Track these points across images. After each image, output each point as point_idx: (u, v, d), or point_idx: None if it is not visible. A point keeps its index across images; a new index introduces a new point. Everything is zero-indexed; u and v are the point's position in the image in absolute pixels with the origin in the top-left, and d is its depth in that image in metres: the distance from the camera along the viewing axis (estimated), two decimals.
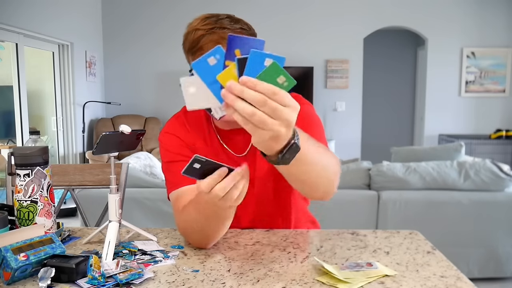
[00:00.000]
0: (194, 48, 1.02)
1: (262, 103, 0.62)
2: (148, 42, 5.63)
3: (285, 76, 0.63)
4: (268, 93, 0.62)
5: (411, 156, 3.15)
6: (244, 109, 0.62)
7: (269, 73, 0.62)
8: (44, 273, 0.81)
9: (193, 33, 1.02)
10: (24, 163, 0.97)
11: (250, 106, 0.62)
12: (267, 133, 0.65)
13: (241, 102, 0.62)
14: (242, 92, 0.62)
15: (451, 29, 5.65)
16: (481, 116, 5.76)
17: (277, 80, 0.63)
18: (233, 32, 1.02)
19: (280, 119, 0.64)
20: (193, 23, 1.05)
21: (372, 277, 0.85)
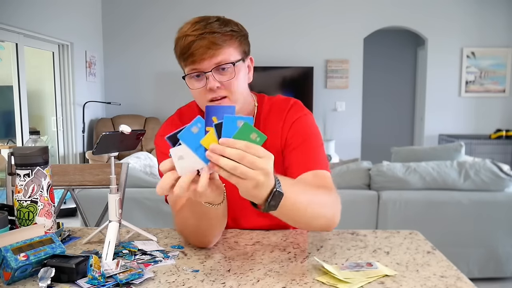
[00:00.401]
0: (185, 54, 1.02)
1: (241, 158, 0.71)
2: (148, 42, 5.63)
3: (257, 133, 0.74)
4: (244, 149, 0.72)
5: (411, 156, 3.15)
6: (227, 164, 0.71)
7: (242, 132, 0.74)
8: (44, 273, 0.81)
9: (183, 39, 1.02)
10: (24, 163, 0.97)
11: (232, 161, 0.71)
12: (249, 182, 0.74)
13: (223, 160, 0.71)
14: (224, 151, 0.71)
15: (451, 29, 5.65)
16: (481, 116, 5.76)
17: (251, 137, 0.74)
18: (223, 35, 1.02)
19: (258, 169, 0.73)
20: (183, 28, 1.04)
21: (372, 277, 0.85)
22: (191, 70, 1.04)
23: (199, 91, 1.05)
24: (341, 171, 2.74)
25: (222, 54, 1.02)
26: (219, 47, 1.01)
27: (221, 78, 1.03)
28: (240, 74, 1.06)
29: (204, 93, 1.04)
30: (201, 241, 1.02)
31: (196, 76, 1.04)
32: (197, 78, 1.05)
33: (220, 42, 1.01)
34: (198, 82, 1.05)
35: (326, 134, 5.72)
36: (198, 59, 1.01)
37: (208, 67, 1.02)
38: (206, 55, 1.00)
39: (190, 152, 0.74)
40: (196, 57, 1.01)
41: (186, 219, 0.99)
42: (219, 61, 1.02)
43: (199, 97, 1.07)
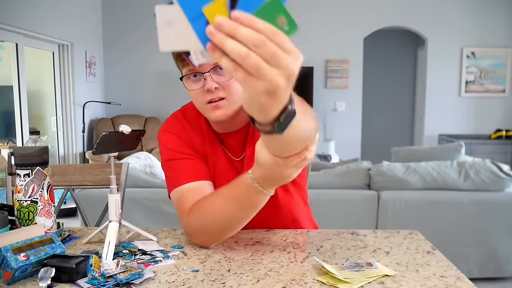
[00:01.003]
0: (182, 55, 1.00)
1: (259, 44, 0.50)
2: (148, 42, 5.63)
3: (287, 17, 0.51)
4: (268, 33, 0.50)
5: (411, 156, 3.15)
6: (236, 49, 0.50)
7: (267, 10, 0.50)
8: (44, 273, 0.81)
9: None
10: (24, 163, 0.97)
11: (244, 47, 0.50)
12: (262, 84, 0.53)
13: (232, 42, 0.49)
14: (235, 30, 0.49)
15: (451, 29, 5.65)
16: (481, 116, 5.76)
17: (277, 21, 0.51)
18: None
19: (279, 67, 0.52)
20: None
21: (372, 277, 0.85)
22: (189, 71, 1.02)
23: (196, 92, 1.02)
24: (341, 171, 2.74)
25: None
26: None
27: (219, 79, 1.00)
28: None
29: (201, 94, 1.02)
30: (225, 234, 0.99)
31: (193, 77, 1.02)
32: (194, 79, 1.02)
33: None
34: (196, 83, 1.02)
35: (326, 134, 5.72)
36: None
37: (205, 67, 0.99)
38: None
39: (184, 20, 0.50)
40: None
41: (220, 212, 0.95)
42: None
43: (197, 98, 1.04)
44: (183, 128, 1.16)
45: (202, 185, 1.06)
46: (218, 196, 0.97)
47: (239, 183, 0.91)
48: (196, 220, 1.01)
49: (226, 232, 0.99)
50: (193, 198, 1.02)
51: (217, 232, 0.99)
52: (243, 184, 0.90)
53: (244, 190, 0.90)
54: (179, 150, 1.11)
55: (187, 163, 1.10)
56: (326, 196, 2.63)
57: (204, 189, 1.05)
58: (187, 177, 1.07)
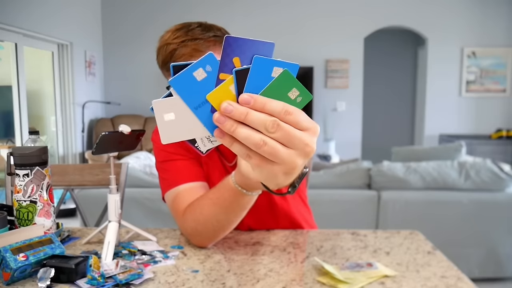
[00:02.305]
0: (168, 63, 0.98)
1: (274, 128, 0.45)
2: (148, 41, 5.62)
3: (299, 89, 0.47)
4: (281, 114, 0.46)
5: (411, 156, 3.15)
6: (250, 137, 0.45)
7: (278, 86, 0.46)
8: (43, 274, 0.81)
9: (165, 48, 0.98)
10: (23, 163, 0.97)
11: (258, 132, 0.46)
12: (279, 168, 0.49)
13: (245, 129, 0.45)
14: (246, 115, 0.45)
15: (451, 29, 5.64)
16: (481, 116, 5.76)
17: (288, 95, 0.47)
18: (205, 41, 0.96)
19: (296, 148, 0.48)
20: (164, 37, 1.02)
21: (372, 277, 0.85)
22: None
23: None
24: (341, 171, 2.73)
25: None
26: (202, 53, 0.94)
27: None
28: None
29: None
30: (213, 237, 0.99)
31: None
32: None
33: (203, 48, 0.97)
34: None
35: (326, 134, 5.71)
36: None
37: None
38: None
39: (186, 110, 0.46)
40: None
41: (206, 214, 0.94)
42: None
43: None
44: None
45: (197, 186, 1.06)
46: (206, 201, 0.96)
47: (223, 186, 0.90)
48: (190, 222, 1.01)
49: (219, 234, 0.99)
50: (188, 199, 1.02)
51: (210, 235, 0.99)
52: (227, 188, 0.89)
53: (228, 193, 0.89)
54: (173, 151, 1.11)
55: (182, 165, 1.09)
56: (326, 196, 2.63)
57: (198, 190, 1.05)
58: (182, 179, 1.06)
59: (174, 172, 1.09)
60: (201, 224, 0.98)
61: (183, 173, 1.08)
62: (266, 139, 0.46)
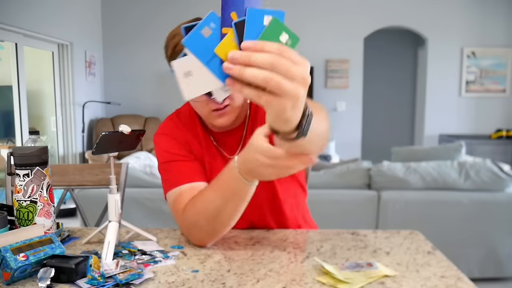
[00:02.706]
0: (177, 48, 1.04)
1: (274, 65, 0.52)
2: (148, 42, 5.62)
3: (288, 33, 0.55)
4: (277, 52, 0.53)
5: (411, 156, 3.15)
6: (257, 75, 0.52)
7: (270, 32, 0.54)
8: (43, 273, 0.81)
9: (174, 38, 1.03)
10: (23, 163, 0.97)
11: (262, 71, 0.53)
12: (285, 100, 0.55)
13: (250, 70, 0.52)
14: (250, 58, 0.52)
15: (451, 29, 5.64)
16: (481, 116, 5.76)
17: (280, 39, 0.55)
18: None
19: (296, 80, 0.55)
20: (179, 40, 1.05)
21: (372, 277, 0.85)
22: None
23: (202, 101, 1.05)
24: (341, 171, 2.73)
25: None
26: None
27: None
28: None
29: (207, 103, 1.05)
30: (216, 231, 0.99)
31: None
32: None
33: None
34: None
35: None
36: None
37: None
38: None
39: (201, 66, 0.55)
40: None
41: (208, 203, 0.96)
42: None
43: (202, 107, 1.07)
44: (180, 130, 1.16)
45: (199, 186, 1.07)
46: (208, 191, 0.98)
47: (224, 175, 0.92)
48: (189, 216, 1.01)
49: (216, 226, 0.98)
50: (189, 198, 1.03)
51: (210, 229, 0.99)
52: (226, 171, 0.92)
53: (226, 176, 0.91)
54: (176, 152, 1.12)
55: (184, 165, 1.11)
56: (326, 196, 2.63)
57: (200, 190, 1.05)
58: (184, 179, 1.07)
59: (176, 172, 1.09)
60: (201, 214, 0.97)
61: (185, 173, 1.09)
62: (271, 75, 0.53)
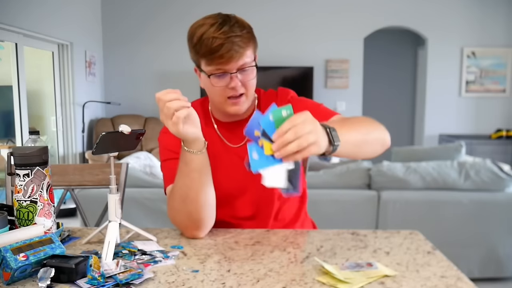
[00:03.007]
0: (213, 55, 1.08)
1: (296, 135, 0.80)
2: (148, 41, 5.62)
3: (285, 109, 0.83)
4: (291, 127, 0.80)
5: (411, 156, 3.15)
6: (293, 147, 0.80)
7: (277, 119, 0.83)
8: (43, 273, 0.81)
9: (211, 40, 1.07)
10: (23, 163, 0.97)
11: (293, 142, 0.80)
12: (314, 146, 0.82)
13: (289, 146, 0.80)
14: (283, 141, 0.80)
15: (451, 29, 5.64)
16: (481, 116, 5.76)
17: (283, 116, 0.83)
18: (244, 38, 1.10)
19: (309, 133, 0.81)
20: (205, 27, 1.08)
21: (372, 277, 0.85)
22: (216, 70, 1.10)
23: (220, 88, 1.12)
24: (341, 171, 2.73)
25: (245, 57, 1.10)
26: (243, 50, 1.09)
27: (244, 78, 1.12)
28: (254, 72, 1.15)
29: (224, 90, 1.13)
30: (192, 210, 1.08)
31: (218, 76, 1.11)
32: (219, 77, 1.11)
33: (243, 45, 1.09)
34: (221, 81, 1.11)
35: None
36: (226, 61, 1.08)
37: (233, 68, 1.09)
38: (234, 58, 1.08)
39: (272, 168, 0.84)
40: (225, 59, 1.07)
41: (176, 187, 1.09)
42: (243, 63, 1.10)
43: (219, 93, 1.14)
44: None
45: None
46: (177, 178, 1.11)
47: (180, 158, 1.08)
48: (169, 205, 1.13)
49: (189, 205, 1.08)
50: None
51: (184, 209, 1.09)
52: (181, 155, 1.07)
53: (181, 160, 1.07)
54: (176, 150, 1.16)
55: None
56: (326, 196, 2.63)
57: None
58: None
59: (173, 170, 1.14)
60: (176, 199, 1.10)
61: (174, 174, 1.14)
62: (298, 141, 0.80)
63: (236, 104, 1.15)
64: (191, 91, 5.52)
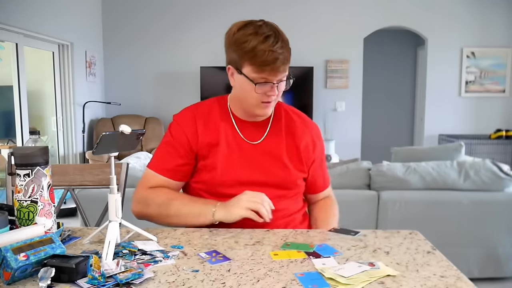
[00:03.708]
0: (266, 67, 1.17)
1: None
2: (148, 42, 5.62)
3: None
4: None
5: (411, 156, 3.15)
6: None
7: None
8: (44, 273, 0.81)
9: (267, 53, 1.16)
10: (24, 163, 0.97)
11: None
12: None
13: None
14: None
15: (451, 29, 5.64)
16: (481, 116, 5.76)
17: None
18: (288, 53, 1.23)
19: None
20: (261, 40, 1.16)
21: (374, 277, 0.85)
22: (262, 79, 1.19)
23: (258, 94, 1.22)
24: (341, 171, 2.74)
25: (287, 69, 1.23)
26: (287, 64, 1.22)
27: (282, 87, 1.26)
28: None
29: (261, 95, 1.22)
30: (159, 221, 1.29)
31: (261, 83, 1.20)
32: (263, 84, 1.20)
33: (287, 60, 1.22)
34: (263, 88, 1.21)
35: (326, 134, 5.72)
36: (275, 73, 1.19)
37: (276, 79, 1.21)
38: (281, 71, 1.20)
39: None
40: (274, 72, 1.19)
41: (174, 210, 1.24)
42: (284, 76, 1.24)
43: (255, 97, 1.23)
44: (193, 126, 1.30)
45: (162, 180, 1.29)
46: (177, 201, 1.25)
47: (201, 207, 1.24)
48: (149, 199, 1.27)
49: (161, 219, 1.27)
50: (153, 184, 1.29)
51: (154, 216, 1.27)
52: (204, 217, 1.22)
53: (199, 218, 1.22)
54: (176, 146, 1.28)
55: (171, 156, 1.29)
56: None
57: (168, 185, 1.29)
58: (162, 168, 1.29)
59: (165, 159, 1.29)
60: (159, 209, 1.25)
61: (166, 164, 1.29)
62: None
63: (267, 108, 1.26)
64: (191, 91, 5.53)
